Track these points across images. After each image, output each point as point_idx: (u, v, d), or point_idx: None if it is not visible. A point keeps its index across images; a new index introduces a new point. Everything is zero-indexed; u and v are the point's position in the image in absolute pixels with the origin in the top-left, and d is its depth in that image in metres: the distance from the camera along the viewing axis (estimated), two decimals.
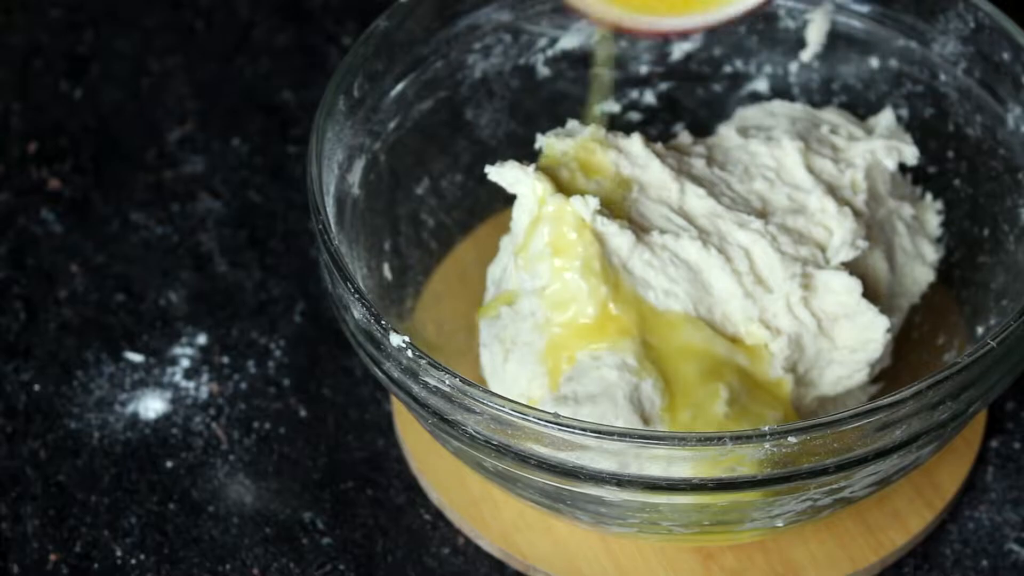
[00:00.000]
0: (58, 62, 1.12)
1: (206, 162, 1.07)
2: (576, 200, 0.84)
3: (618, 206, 0.86)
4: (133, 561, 0.89)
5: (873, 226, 0.90)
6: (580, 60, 0.98)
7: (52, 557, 0.89)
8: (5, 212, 1.04)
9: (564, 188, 0.85)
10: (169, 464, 0.93)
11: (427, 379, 0.78)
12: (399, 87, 0.93)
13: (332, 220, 0.84)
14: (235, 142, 1.08)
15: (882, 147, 0.91)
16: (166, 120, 1.09)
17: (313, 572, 0.89)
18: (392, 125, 0.93)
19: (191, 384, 0.96)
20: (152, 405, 0.95)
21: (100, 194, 1.05)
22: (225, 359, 0.97)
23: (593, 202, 0.84)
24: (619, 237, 0.84)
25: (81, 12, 1.15)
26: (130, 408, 0.95)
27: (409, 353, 0.78)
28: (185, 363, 0.97)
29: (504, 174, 0.86)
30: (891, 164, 0.91)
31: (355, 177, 0.90)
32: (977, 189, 0.93)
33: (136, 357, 0.97)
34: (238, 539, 0.90)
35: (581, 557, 0.88)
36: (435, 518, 0.91)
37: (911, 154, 0.91)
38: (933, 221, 0.93)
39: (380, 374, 0.81)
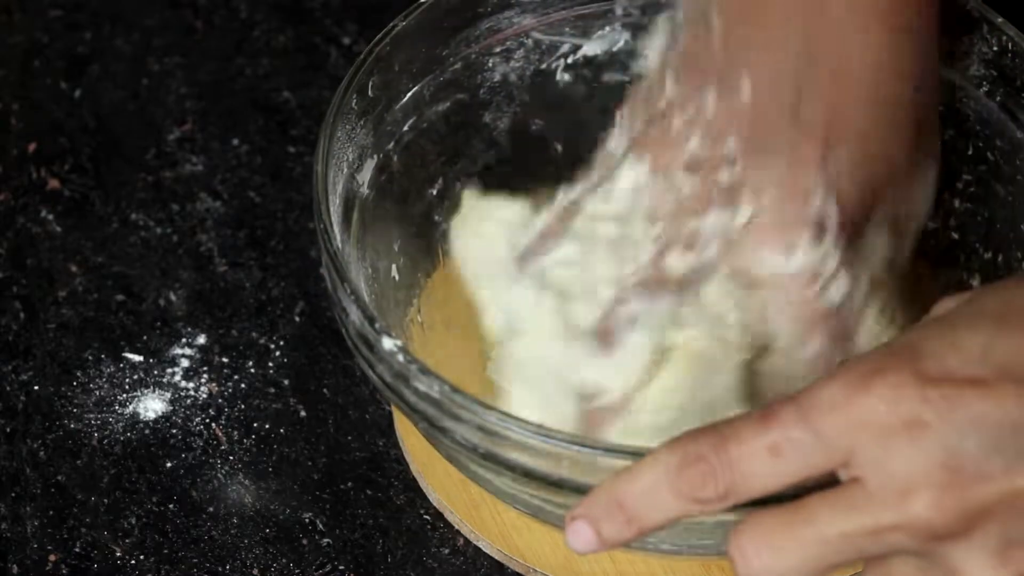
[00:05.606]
0: (58, 62, 1.12)
1: (206, 162, 1.07)
2: None
3: None
4: (133, 561, 0.89)
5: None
6: (602, 67, 0.97)
7: (52, 557, 0.89)
8: (4, 212, 1.04)
9: None
10: (169, 464, 0.93)
11: (417, 384, 0.77)
12: (415, 88, 0.92)
13: (338, 220, 0.84)
14: (235, 142, 1.08)
15: None
16: (166, 120, 1.09)
17: (313, 572, 0.89)
18: (407, 126, 0.92)
19: (191, 384, 0.96)
20: (152, 405, 0.95)
21: (100, 194, 1.05)
22: (225, 359, 0.97)
23: None
24: None
25: (81, 12, 1.15)
26: (130, 408, 0.95)
27: (400, 358, 0.78)
28: (184, 363, 0.97)
29: None
30: None
31: (365, 177, 0.89)
32: (993, 214, 0.92)
33: (136, 357, 0.97)
34: (238, 539, 0.90)
35: (580, 558, 0.88)
36: (435, 519, 0.91)
37: None
38: None
39: (375, 377, 0.81)
